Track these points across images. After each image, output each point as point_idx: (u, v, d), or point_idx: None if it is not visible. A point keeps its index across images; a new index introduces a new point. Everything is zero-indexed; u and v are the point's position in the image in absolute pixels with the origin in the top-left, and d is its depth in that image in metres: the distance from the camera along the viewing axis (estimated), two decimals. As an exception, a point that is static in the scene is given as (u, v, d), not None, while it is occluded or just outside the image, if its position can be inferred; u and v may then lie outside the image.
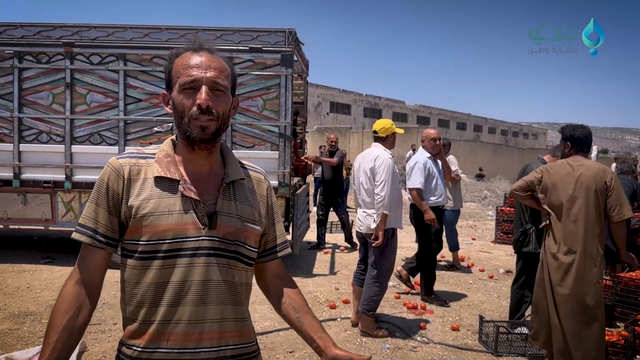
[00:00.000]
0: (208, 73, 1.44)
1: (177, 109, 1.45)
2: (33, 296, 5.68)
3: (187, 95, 1.43)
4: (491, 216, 13.78)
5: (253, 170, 1.64)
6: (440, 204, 5.98)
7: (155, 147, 1.54)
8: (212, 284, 1.43)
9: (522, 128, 65.56)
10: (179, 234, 1.41)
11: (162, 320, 1.40)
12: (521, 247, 4.85)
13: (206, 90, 1.42)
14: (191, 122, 1.43)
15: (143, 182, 1.45)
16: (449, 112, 50.41)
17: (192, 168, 1.49)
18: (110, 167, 1.46)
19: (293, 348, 4.47)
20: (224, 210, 1.47)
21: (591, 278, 3.69)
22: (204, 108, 1.41)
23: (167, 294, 1.40)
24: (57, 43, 6.87)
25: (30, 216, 7.12)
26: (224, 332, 1.45)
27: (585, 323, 3.68)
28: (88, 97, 6.93)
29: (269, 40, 6.72)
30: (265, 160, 6.74)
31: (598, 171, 3.77)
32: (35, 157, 7.02)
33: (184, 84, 1.43)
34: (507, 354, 4.46)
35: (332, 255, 8.32)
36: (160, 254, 1.40)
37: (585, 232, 3.69)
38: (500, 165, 27.12)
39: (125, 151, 1.52)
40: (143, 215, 1.40)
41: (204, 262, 1.42)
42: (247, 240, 1.51)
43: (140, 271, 1.42)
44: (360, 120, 39.83)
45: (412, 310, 5.59)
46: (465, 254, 8.69)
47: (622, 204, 3.68)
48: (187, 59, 1.47)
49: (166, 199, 1.43)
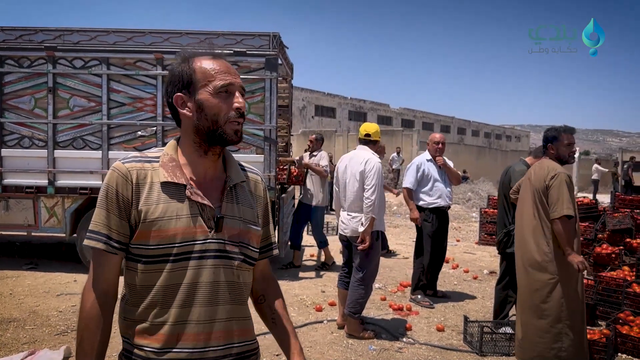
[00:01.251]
0: (237, 79, 1.50)
1: (210, 112, 1.47)
2: (16, 302, 5.61)
3: (222, 98, 1.47)
4: (475, 218, 13.90)
5: (251, 172, 1.69)
6: (439, 205, 6.03)
7: (158, 150, 1.56)
8: (220, 285, 1.47)
9: (505, 130, 66.13)
10: (188, 237, 1.44)
11: (175, 322, 1.43)
12: (505, 248, 4.92)
13: (240, 96, 1.49)
14: (227, 125, 1.47)
15: (150, 187, 1.46)
16: (433, 115, 50.70)
17: (196, 171, 1.52)
18: (118, 172, 1.46)
19: (279, 351, 4.43)
20: (228, 213, 1.51)
21: (538, 275, 3.85)
22: (243, 111, 1.48)
23: (179, 295, 1.43)
24: (39, 47, 6.80)
25: (13, 222, 7.02)
26: (230, 330, 1.50)
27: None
28: (71, 102, 6.87)
29: (254, 44, 6.73)
30: (251, 163, 6.68)
31: (540, 171, 3.92)
32: (17, 162, 6.93)
33: (220, 87, 1.46)
34: (491, 353, 4.51)
35: (318, 258, 8.33)
36: (171, 257, 1.43)
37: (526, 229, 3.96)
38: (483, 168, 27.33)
39: (129, 155, 1.53)
40: (152, 220, 1.43)
41: (212, 264, 1.46)
42: (250, 241, 1.56)
43: (152, 274, 1.44)
44: (345, 124, 39.91)
45: (397, 312, 5.62)
46: (450, 255, 8.75)
47: (557, 202, 3.74)
48: (214, 63, 1.49)
49: (174, 204, 1.45)
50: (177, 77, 1.51)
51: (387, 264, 7.96)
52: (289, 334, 1.69)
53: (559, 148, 3.94)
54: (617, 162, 22.49)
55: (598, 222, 7.35)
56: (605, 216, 7.18)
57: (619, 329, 4.61)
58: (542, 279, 3.82)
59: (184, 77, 1.49)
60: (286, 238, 7.66)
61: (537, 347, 3.88)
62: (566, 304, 3.76)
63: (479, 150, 35.83)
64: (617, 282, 5.27)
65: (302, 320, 5.27)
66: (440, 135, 6.22)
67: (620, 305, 5.10)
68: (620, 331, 4.58)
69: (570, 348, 3.76)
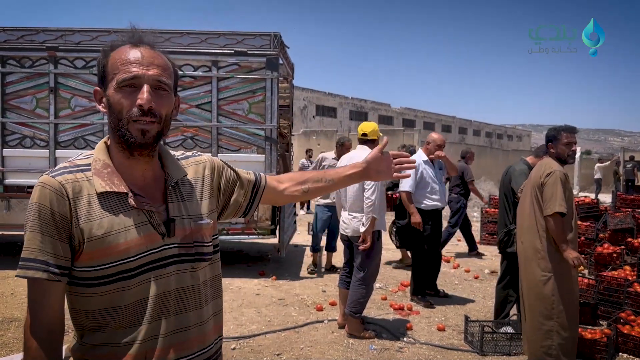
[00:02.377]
0: (150, 70, 1.30)
1: (114, 109, 1.30)
2: (17, 302, 5.63)
3: (126, 94, 1.29)
4: (476, 217, 13.88)
5: (188, 158, 1.54)
6: (438, 207, 6.02)
7: (86, 156, 1.38)
8: (181, 292, 1.38)
9: (507, 130, 66.08)
10: (141, 248, 1.31)
11: (144, 339, 1.32)
12: (505, 248, 4.91)
13: (148, 90, 1.29)
14: (130, 124, 1.29)
15: (89, 200, 1.30)
16: (434, 115, 50.68)
17: (133, 175, 1.37)
18: (50, 188, 1.29)
19: (280, 350, 4.47)
20: (176, 214, 1.39)
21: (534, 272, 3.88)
22: (145, 109, 1.28)
23: (148, 311, 1.32)
24: (41, 47, 6.83)
25: (14, 222, 7.04)
26: (200, 336, 1.42)
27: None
28: (72, 102, 6.89)
29: (254, 43, 6.74)
30: (252, 163, 6.75)
31: (538, 169, 3.97)
32: (18, 162, 6.95)
33: (122, 81, 1.29)
34: (492, 353, 4.51)
35: (319, 258, 8.32)
36: (130, 273, 1.30)
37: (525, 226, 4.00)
38: (484, 167, 27.30)
39: (57, 167, 1.35)
40: (99, 237, 1.28)
41: (171, 271, 1.36)
42: (204, 238, 1.44)
43: (112, 295, 1.30)
44: (346, 123, 39.90)
45: (398, 312, 5.62)
46: (451, 255, 8.77)
47: (550, 199, 3.75)
48: (126, 53, 1.32)
49: (119, 216, 1.30)
50: (98, 69, 1.36)
51: (388, 264, 7.96)
52: (344, 168, 1.75)
53: (557, 147, 3.93)
54: (619, 162, 22.43)
55: (599, 222, 7.35)
56: (607, 216, 7.17)
57: (620, 328, 4.61)
58: (535, 276, 3.82)
59: (100, 69, 1.35)
60: (287, 238, 7.66)
61: (530, 344, 3.90)
62: (557, 302, 3.75)
63: (480, 149, 35.78)
64: (619, 282, 5.27)
65: (303, 320, 5.28)
66: (442, 137, 6.15)
67: (622, 304, 5.10)
68: (621, 331, 4.58)
69: (560, 346, 3.75)
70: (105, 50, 1.36)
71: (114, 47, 1.35)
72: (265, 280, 6.86)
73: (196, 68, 6.76)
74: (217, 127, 6.77)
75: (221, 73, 6.74)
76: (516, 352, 4.48)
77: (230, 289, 6.31)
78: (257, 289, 6.42)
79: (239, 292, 6.25)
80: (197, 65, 6.77)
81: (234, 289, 6.33)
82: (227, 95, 6.73)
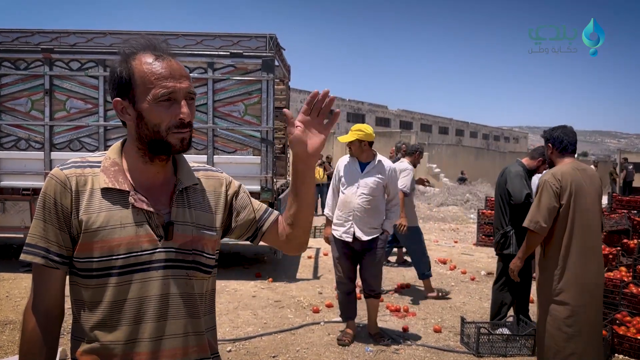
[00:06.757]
0: (183, 83, 1.36)
1: (150, 122, 1.34)
2: (13, 305, 5.60)
3: (164, 108, 1.33)
4: (473, 219, 13.90)
5: (207, 171, 1.56)
6: None
7: (101, 154, 1.44)
8: (172, 297, 1.36)
9: (504, 132, 66.22)
10: (133, 247, 1.32)
11: (126, 341, 1.32)
12: (502, 249, 4.91)
13: (185, 104, 1.35)
14: (170, 135, 1.35)
15: (91, 194, 1.34)
16: (431, 117, 50.76)
17: (143, 177, 1.40)
18: (56, 180, 1.34)
19: (276, 353, 4.46)
20: (179, 219, 1.39)
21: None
22: (186, 122, 1.36)
23: (127, 311, 1.32)
24: (36, 49, 6.80)
25: (9, 224, 7.01)
26: (186, 347, 1.38)
27: None
28: (67, 104, 6.87)
29: (250, 45, 6.73)
30: (248, 165, 6.75)
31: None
32: (13, 164, 6.92)
33: (160, 96, 1.32)
34: (488, 354, 4.51)
35: (316, 259, 8.33)
36: (115, 270, 1.32)
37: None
38: (482, 169, 27.36)
39: (69, 160, 1.41)
40: (95, 230, 1.31)
41: (161, 275, 1.35)
42: (204, 248, 1.43)
43: (98, 289, 1.33)
44: (343, 125, 39.90)
45: (394, 313, 5.62)
46: (448, 257, 8.77)
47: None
48: (155, 66, 1.34)
49: (117, 212, 1.33)
50: (117, 78, 1.36)
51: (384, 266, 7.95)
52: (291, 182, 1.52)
53: (547, 150, 3.86)
54: (616, 163, 22.52)
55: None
56: (603, 217, 7.17)
57: (616, 329, 4.62)
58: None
59: (120, 79, 1.36)
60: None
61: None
62: (538, 305, 3.75)
63: (477, 151, 35.88)
64: (614, 283, 5.26)
65: (299, 322, 5.27)
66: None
67: (617, 305, 5.10)
68: (617, 332, 4.58)
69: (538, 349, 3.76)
70: (125, 60, 1.36)
71: (132, 55, 1.36)
72: (261, 282, 6.85)
73: (192, 70, 6.74)
74: (212, 129, 6.75)
75: (217, 75, 6.73)
76: (512, 354, 4.48)
77: (227, 290, 6.30)
78: (254, 291, 6.41)
79: (235, 294, 6.23)
80: (192, 67, 6.75)
81: (230, 291, 6.31)
82: (223, 97, 6.72)
